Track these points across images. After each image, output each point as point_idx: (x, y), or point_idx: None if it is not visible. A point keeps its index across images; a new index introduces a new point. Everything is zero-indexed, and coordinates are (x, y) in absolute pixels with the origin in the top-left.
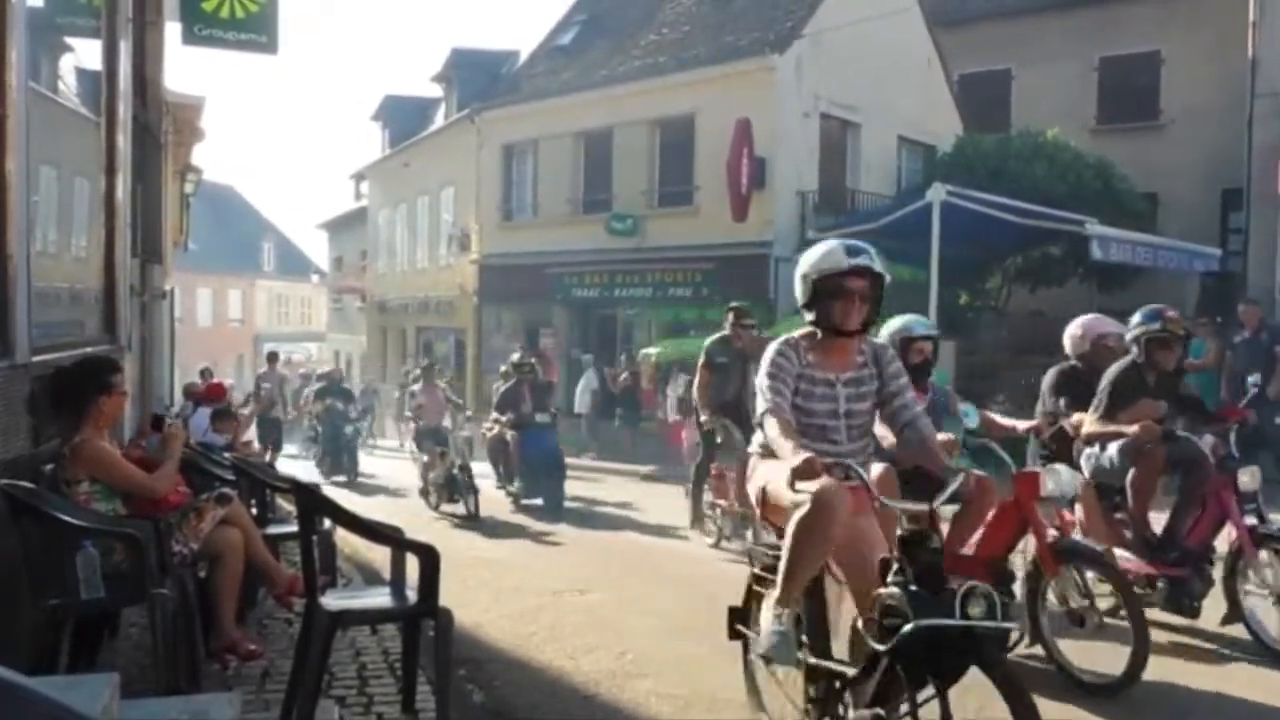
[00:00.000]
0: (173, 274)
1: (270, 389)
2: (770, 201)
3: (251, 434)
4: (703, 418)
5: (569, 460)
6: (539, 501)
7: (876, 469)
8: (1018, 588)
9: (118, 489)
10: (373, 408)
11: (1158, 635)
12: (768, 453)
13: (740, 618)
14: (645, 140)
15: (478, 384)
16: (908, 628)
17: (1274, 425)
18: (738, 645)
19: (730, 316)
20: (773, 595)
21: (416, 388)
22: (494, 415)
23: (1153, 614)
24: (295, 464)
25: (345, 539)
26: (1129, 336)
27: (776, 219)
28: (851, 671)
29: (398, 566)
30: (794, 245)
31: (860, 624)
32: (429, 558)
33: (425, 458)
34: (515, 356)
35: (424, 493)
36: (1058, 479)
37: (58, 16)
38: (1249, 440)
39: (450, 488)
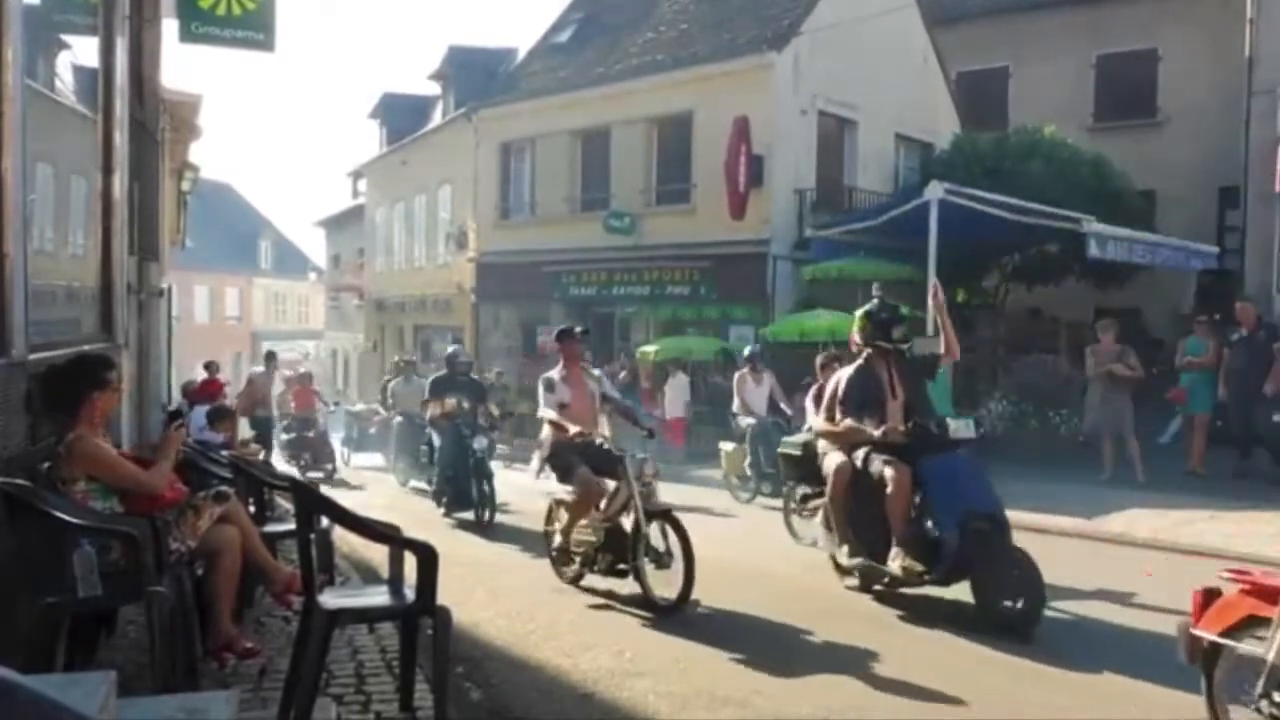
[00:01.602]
0: (170, 272)
1: (261, 379)
2: (768, 199)
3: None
4: None
5: None
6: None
7: None
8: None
9: (114, 486)
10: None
11: None
12: None
13: None
14: (643, 138)
15: None
16: None
17: (1271, 423)
18: (734, 644)
19: None
20: None
21: (556, 374)
22: (828, 422)
23: None
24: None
25: (343, 537)
26: None
27: (774, 217)
28: None
29: (396, 565)
30: (791, 243)
31: None
32: (427, 556)
33: (569, 493)
34: (872, 304)
35: (562, 555)
36: None
37: (54, 14)
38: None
39: (619, 548)
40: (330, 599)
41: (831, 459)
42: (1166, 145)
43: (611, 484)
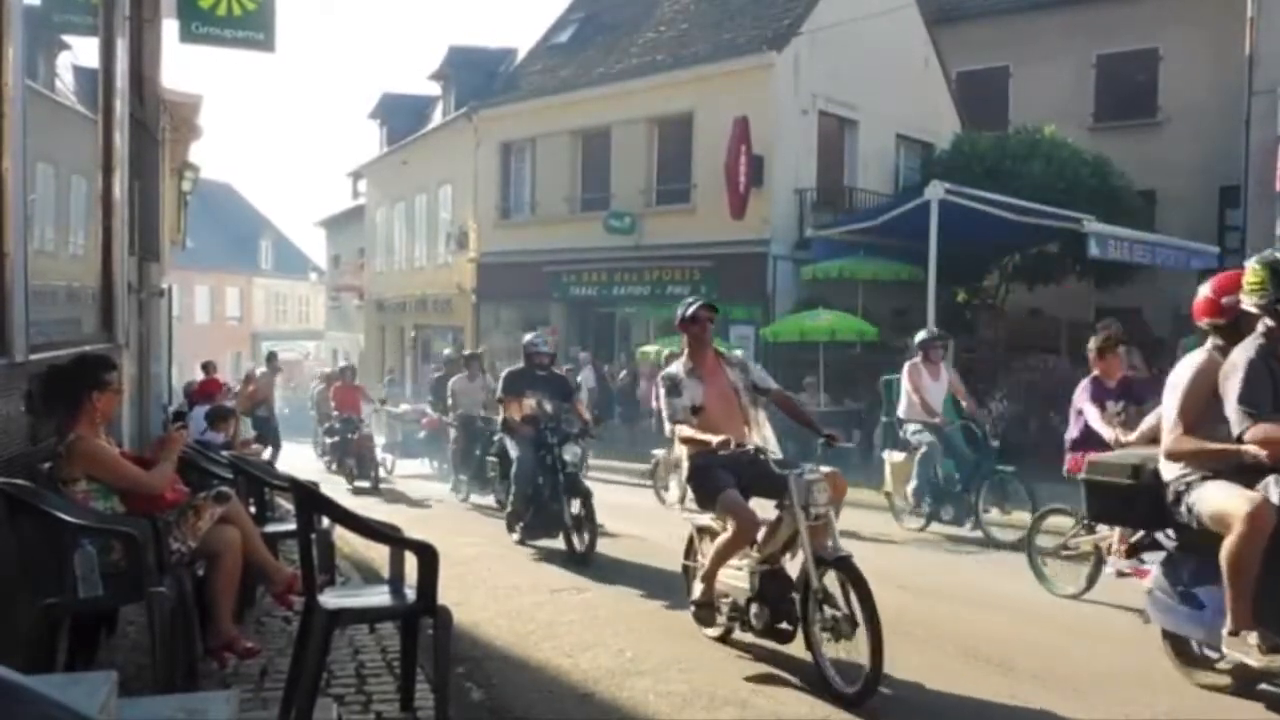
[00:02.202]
0: (170, 272)
1: (264, 379)
2: (768, 199)
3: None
4: None
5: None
6: None
7: None
8: None
9: (114, 486)
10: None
11: None
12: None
13: None
14: (643, 138)
15: None
16: None
17: None
18: (733, 643)
19: None
20: None
21: (679, 368)
22: (1186, 436)
23: None
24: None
25: (344, 537)
26: None
27: (774, 217)
28: None
29: (396, 565)
30: (792, 243)
31: None
32: (427, 556)
33: (714, 520)
34: (1273, 251)
35: (704, 607)
36: None
37: (55, 14)
38: None
39: (781, 600)
40: (331, 599)
41: (1223, 493)
42: (1167, 145)
43: (770, 510)
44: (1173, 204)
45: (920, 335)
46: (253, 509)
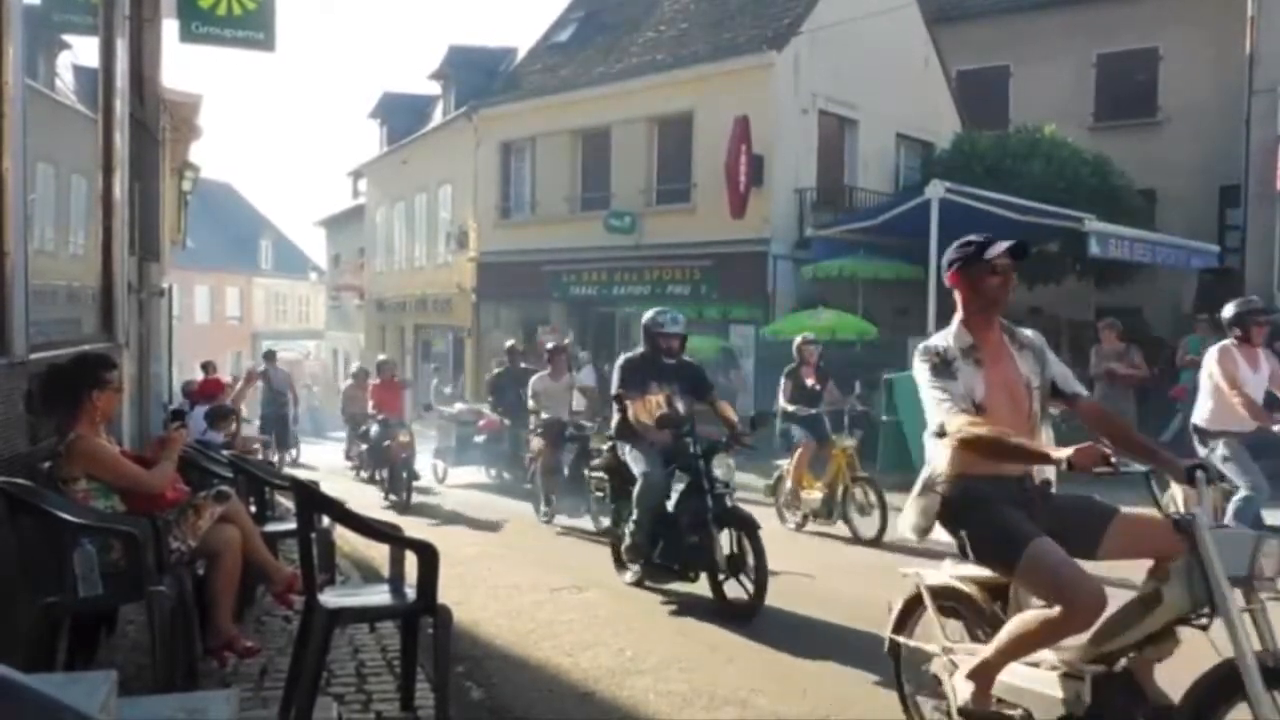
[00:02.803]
0: (170, 271)
1: (280, 378)
2: (768, 199)
3: (253, 431)
4: None
5: None
6: None
7: None
8: None
9: (114, 485)
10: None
11: None
12: None
13: None
14: (643, 137)
15: (476, 383)
16: None
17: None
18: (734, 643)
19: None
20: None
21: (949, 341)
22: None
23: None
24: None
25: (344, 536)
26: None
27: (775, 216)
28: None
29: (396, 564)
30: (792, 243)
31: None
32: (427, 555)
33: (970, 582)
34: None
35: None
36: None
37: (55, 14)
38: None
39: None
40: (331, 598)
41: None
42: (1167, 144)
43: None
44: (1173, 203)
45: (1231, 307)
46: (253, 508)
